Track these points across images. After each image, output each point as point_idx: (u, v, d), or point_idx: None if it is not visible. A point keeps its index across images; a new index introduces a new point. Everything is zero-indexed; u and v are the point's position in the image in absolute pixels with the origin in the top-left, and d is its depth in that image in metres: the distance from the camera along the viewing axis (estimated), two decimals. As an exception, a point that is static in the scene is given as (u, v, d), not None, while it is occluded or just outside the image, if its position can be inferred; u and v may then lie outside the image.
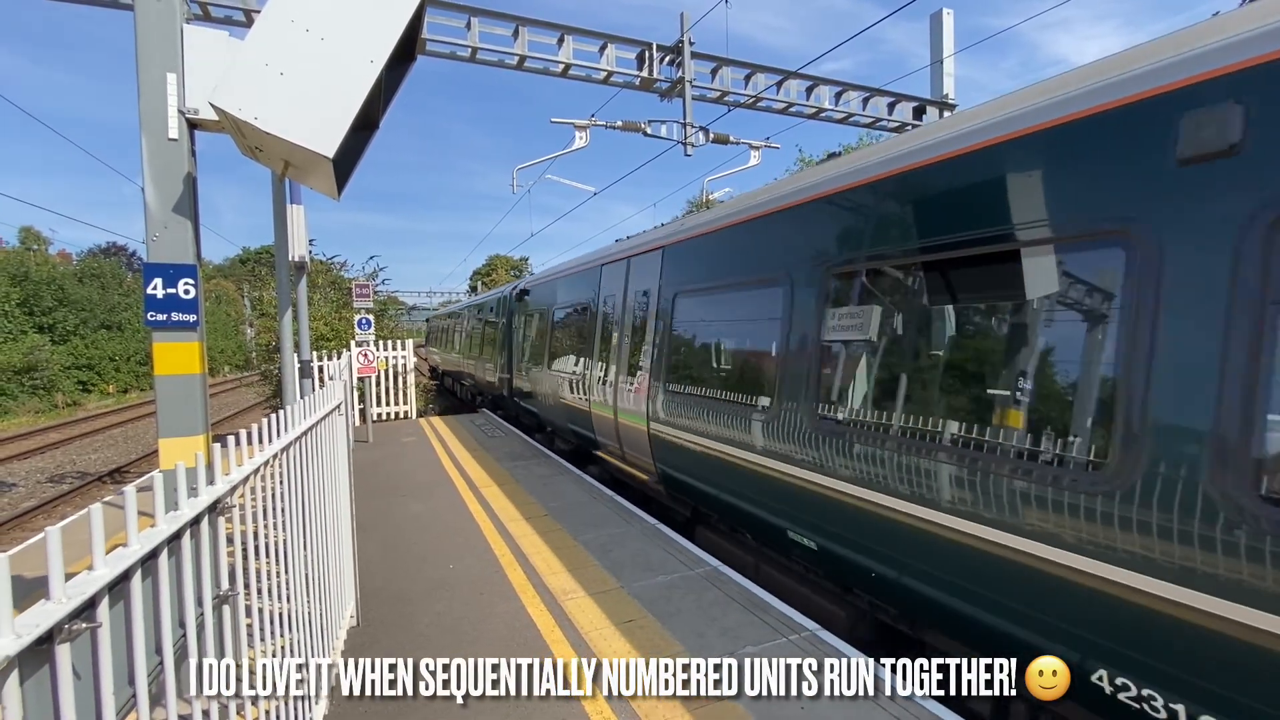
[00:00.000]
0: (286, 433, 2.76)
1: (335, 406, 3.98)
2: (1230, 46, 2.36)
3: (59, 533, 1.23)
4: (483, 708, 3.32)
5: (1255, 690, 2.16)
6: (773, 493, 4.65)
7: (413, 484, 8.30)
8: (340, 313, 15.91)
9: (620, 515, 6.59)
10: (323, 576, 3.31)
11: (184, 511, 1.80)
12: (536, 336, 11.97)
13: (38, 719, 1.21)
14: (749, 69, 10.02)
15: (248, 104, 3.46)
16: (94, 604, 1.37)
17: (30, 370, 27.92)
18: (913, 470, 3.42)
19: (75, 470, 15.13)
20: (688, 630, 4.08)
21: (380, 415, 14.56)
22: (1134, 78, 2.66)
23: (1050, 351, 3.06)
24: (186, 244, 4.17)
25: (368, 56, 3.65)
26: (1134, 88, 2.64)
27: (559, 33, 8.58)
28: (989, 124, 3.24)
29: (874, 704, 3.25)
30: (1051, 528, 2.75)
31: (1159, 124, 2.53)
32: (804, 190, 4.61)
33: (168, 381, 4.09)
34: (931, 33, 11.21)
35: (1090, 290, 2.85)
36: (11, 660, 1.10)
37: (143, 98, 4.04)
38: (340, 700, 3.38)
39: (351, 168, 4.50)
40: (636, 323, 7.46)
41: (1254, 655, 2.12)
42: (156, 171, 4.08)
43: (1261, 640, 2.10)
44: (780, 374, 4.67)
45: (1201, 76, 2.41)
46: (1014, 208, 3.09)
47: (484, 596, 4.70)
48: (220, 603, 2.05)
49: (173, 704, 1.71)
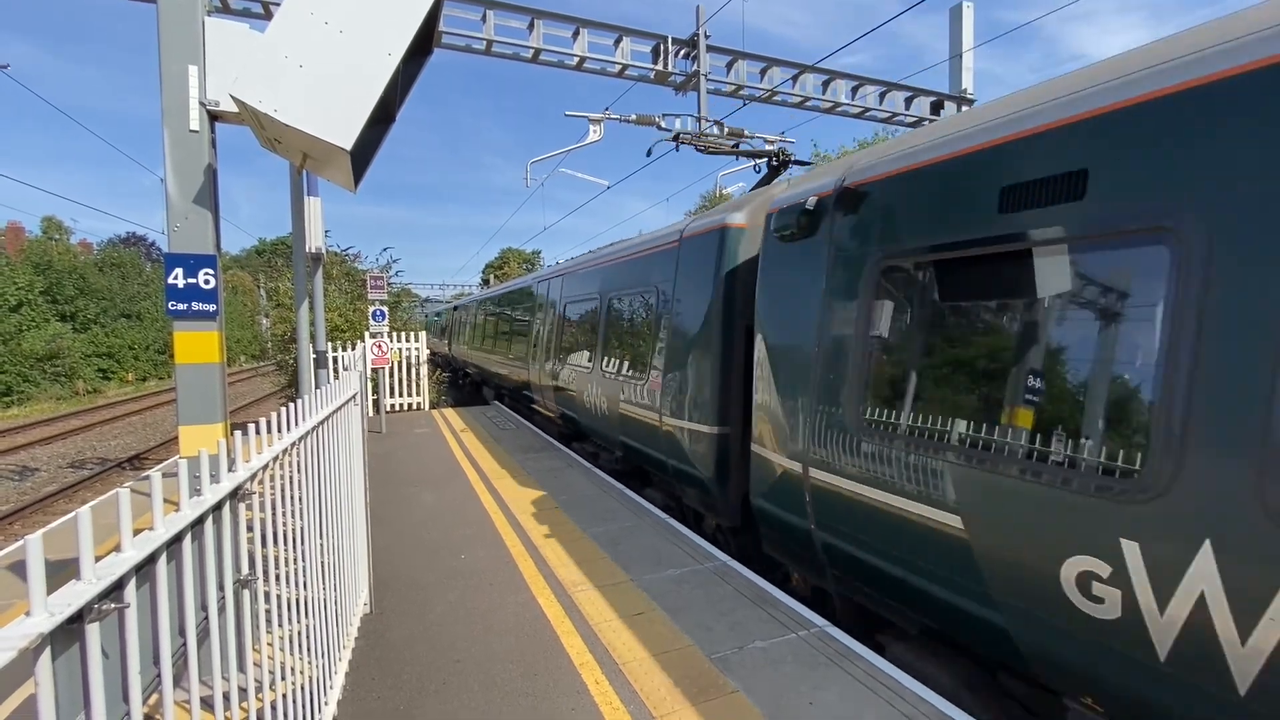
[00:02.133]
0: (305, 421, 2.81)
1: (351, 396, 4.03)
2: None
3: (89, 514, 1.26)
4: (494, 702, 3.36)
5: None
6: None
7: (426, 474, 8.38)
8: (355, 304, 16.05)
9: (630, 509, 6.62)
10: (338, 564, 3.36)
11: (207, 497, 1.84)
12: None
13: (67, 696, 1.25)
14: (765, 62, 9.95)
15: (267, 96, 3.50)
16: (121, 585, 1.40)
17: (53, 358, 28.47)
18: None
19: (96, 456, 15.42)
20: (696, 624, 4.10)
21: (393, 406, 14.70)
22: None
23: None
24: (206, 234, 4.23)
25: (386, 49, 3.68)
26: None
27: (574, 26, 8.56)
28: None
29: (883, 700, 3.25)
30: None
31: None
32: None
33: (188, 370, 4.16)
34: (951, 26, 11.07)
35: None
36: (45, 638, 1.13)
37: (164, 90, 4.10)
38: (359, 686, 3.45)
39: (368, 160, 4.54)
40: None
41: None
42: (177, 163, 4.13)
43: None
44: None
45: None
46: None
47: (495, 587, 4.75)
48: (241, 587, 2.10)
49: (195, 684, 1.75)
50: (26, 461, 14.84)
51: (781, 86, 9.97)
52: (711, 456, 5.71)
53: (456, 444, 10.48)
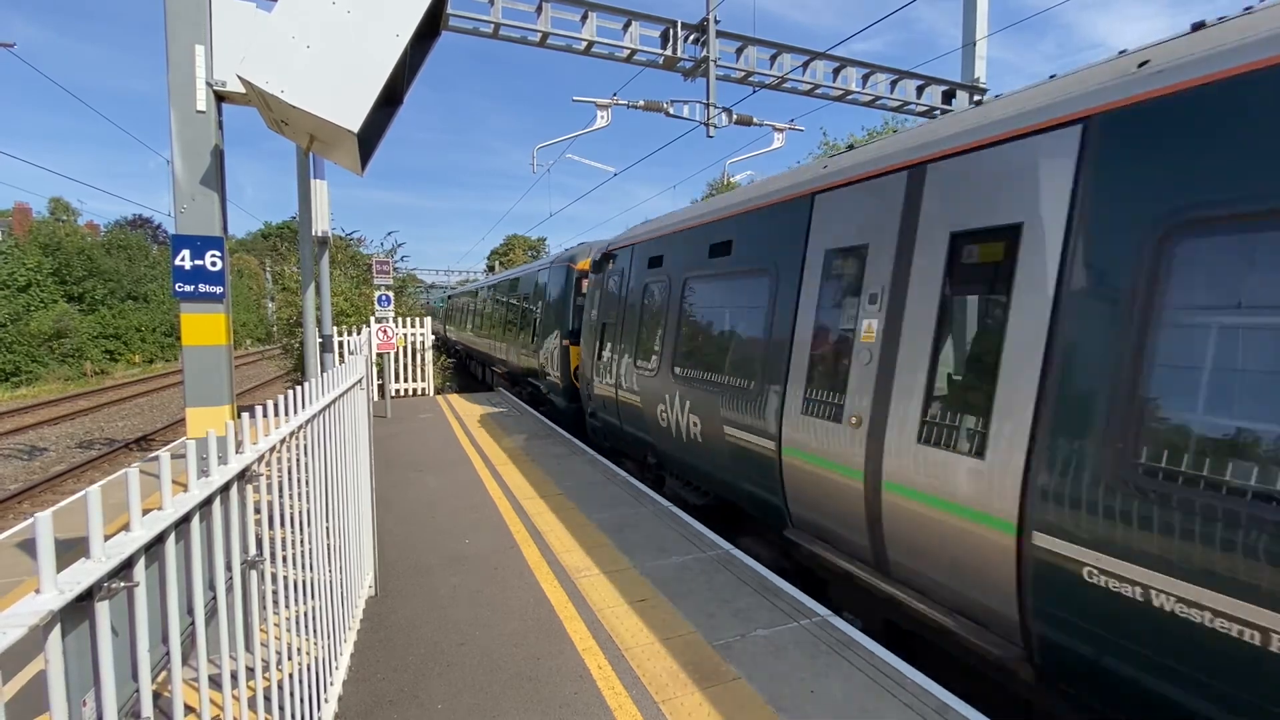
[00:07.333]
0: (311, 404, 2.81)
1: (357, 381, 4.04)
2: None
3: (99, 493, 1.26)
4: (497, 685, 3.39)
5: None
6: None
7: (430, 459, 8.42)
8: (360, 289, 16.05)
9: (633, 496, 6.64)
10: (343, 546, 3.38)
11: (215, 478, 1.84)
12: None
13: (77, 672, 1.25)
14: (775, 49, 9.82)
15: (274, 77, 3.48)
16: (131, 564, 1.41)
17: (60, 336, 28.63)
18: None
19: (103, 437, 15.54)
20: (699, 611, 4.12)
21: (398, 391, 14.74)
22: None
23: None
24: (213, 216, 4.22)
25: (394, 30, 3.64)
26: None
27: (583, 9, 8.45)
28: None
29: (883, 689, 3.26)
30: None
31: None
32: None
33: (195, 352, 4.17)
34: (965, 13, 10.89)
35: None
36: (55, 615, 1.14)
37: (171, 70, 4.07)
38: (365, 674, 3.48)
39: (375, 143, 4.51)
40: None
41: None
42: (184, 144, 4.11)
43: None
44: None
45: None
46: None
47: (499, 571, 4.78)
48: (248, 568, 2.11)
49: (203, 663, 1.76)
50: (35, 441, 14.97)
51: (791, 73, 9.85)
52: (564, 383, 11.16)
53: (461, 429, 10.51)
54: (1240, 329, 2.39)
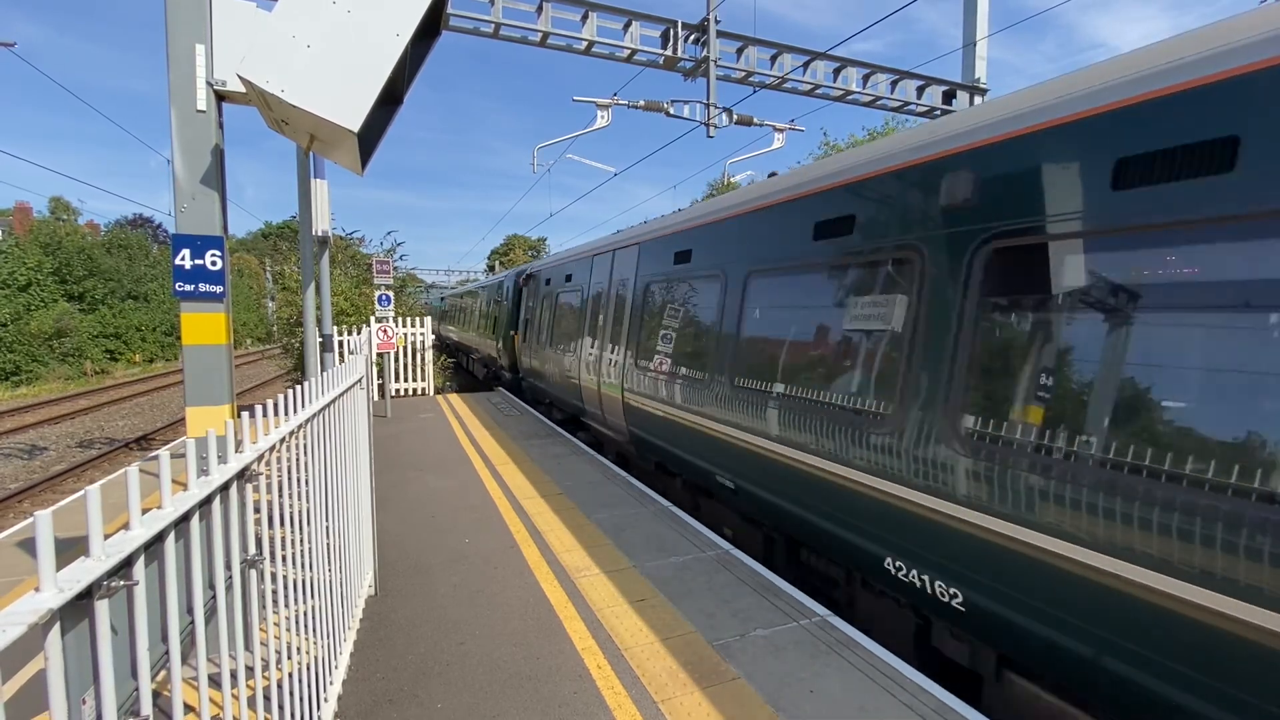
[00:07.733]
0: (311, 404, 2.81)
1: (357, 380, 4.04)
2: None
3: (99, 492, 1.27)
4: (496, 684, 3.39)
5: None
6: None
7: (430, 459, 8.42)
8: (360, 289, 16.06)
9: (633, 496, 6.64)
10: (343, 546, 3.38)
11: (214, 478, 1.84)
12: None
13: (76, 670, 1.25)
14: (775, 49, 9.83)
15: (274, 76, 3.48)
16: (130, 563, 1.41)
17: (59, 335, 28.63)
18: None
19: (103, 436, 15.55)
20: (699, 611, 4.12)
21: (398, 391, 14.75)
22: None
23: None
24: (213, 216, 4.22)
25: (394, 30, 3.64)
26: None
27: (583, 9, 8.46)
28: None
29: (882, 689, 3.26)
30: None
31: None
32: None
33: (195, 351, 4.17)
34: (965, 13, 10.90)
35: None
36: (54, 613, 1.14)
37: (171, 69, 4.07)
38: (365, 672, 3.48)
39: (376, 143, 4.51)
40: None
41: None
42: (185, 143, 4.12)
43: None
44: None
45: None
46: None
47: (499, 571, 4.78)
48: (248, 567, 2.11)
49: (203, 661, 1.76)
50: (35, 440, 14.98)
51: (792, 73, 9.85)
52: (509, 360, 15.40)
53: (461, 429, 10.52)
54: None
